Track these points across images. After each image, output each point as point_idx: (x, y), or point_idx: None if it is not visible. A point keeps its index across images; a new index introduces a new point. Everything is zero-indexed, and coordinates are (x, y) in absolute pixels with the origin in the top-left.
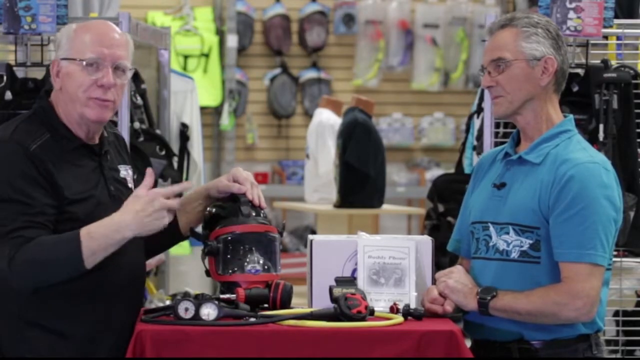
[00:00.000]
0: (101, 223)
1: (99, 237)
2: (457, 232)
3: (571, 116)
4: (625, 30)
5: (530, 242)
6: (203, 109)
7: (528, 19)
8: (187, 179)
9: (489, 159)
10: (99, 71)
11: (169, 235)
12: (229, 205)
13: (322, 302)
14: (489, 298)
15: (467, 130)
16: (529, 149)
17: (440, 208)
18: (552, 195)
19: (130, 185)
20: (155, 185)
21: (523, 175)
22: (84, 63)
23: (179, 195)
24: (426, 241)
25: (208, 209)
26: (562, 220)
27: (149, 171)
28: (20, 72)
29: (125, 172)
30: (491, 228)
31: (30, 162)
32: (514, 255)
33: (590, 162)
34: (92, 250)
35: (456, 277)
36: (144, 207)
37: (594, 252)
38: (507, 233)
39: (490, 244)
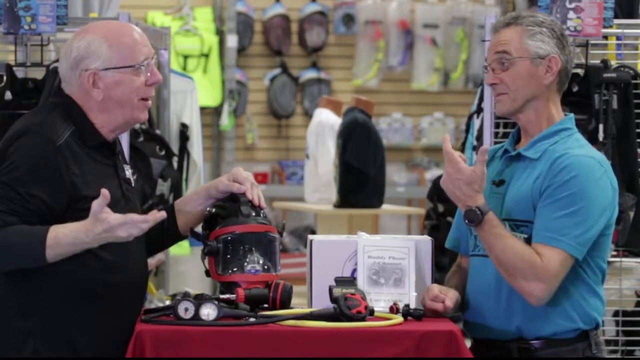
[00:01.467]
0: (70, 230)
1: (63, 245)
2: (456, 229)
3: (571, 115)
4: (625, 30)
5: (525, 236)
6: (203, 109)
7: (533, 18)
8: (187, 179)
9: (487, 156)
10: (146, 71)
11: (168, 236)
12: (228, 205)
13: (322, 302)
14: (481, 216)
15: (467, 130)
16: (528, 145)
17: (440, 208)
18: (544, 184)
19: (134, 185)
20: (154, 185)
21: (521, 171)
22: (142, 67)
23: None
24: (426, 241)
25: (208, 209)
26: (546, 204)
27: (104, 192)
28: (20, 72)
29: (129, 172)
30: None
31: (53, 158)
32: None
33: (585, 156)
34: (55, 252)
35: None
36: (102, 232)
37: (567, 240)
38: None
39: None
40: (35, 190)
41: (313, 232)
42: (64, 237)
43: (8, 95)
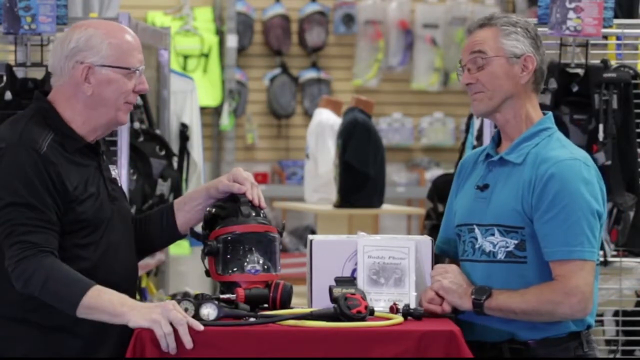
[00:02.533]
0: (115, 299)
1: (101, 311)
2: (444, 233)
3: (550, 113)
4: (625, 30)
5: (516, 242)
6: (203, 109)
7: (507, 19)
8: (186, 179)
9: (471, 160)
10: (138, 77)
11: (166, 235)
12: (229, 205)
13: (322, 302)
14: (483, 298)
15: (467, 130)
16: (510, 149)
17: (440, 208)
18: (534, 195)
19: (120, 184)
20: (154, 185)
21: (505, 176)
22: (136, 72)
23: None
24: (426, 241)
25: (208, 209)
26: (547, 220)
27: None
28: (20, 72)
29: (114, 172)
30: (476, 230)
31: (42, 165)
32: (500, 256)
33: (570, 159)
34: (87, 314)
35: (451, 277)
36: (161, 313)
37: (581, 248)
38: (493, 234)
39: (477, 246)
40: (46, 199)
41: (313, 232)
42: (106, 294)
43: (8, 95)
